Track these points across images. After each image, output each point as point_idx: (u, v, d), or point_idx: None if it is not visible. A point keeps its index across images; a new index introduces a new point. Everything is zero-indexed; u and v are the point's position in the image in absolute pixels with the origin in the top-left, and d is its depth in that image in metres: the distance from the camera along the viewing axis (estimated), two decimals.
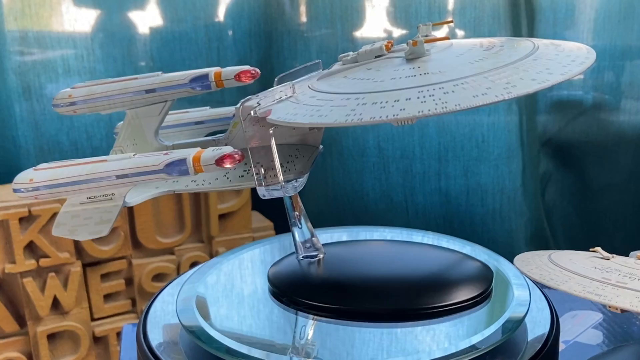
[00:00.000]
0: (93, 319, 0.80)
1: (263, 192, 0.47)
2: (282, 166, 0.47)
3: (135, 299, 0.82)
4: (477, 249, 0.54)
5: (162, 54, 0.87)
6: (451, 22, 0.58)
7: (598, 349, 0.61)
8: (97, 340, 0.80)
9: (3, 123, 0.83)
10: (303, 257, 0.49)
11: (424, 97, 0.40)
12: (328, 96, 0.42)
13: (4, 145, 0.84)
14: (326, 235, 0.55)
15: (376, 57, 0.46)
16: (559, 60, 0.44)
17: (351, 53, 0.46)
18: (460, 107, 0.39)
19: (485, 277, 0.48)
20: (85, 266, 0.78)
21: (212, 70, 0.46)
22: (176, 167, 0.42)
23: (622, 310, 0.42)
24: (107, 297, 0.81)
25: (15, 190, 0.43)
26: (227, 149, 0.42)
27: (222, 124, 0.53)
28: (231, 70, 0.46)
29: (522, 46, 0.47)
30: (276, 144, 0.46)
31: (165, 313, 0.49)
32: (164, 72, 0.92)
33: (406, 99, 0.40)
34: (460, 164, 0.83)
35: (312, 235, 0.49)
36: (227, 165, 0.41)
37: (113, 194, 0.43)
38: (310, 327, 0.45)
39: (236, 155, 0.42)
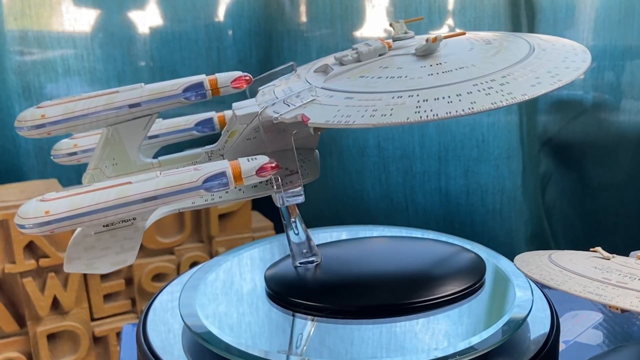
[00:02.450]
0: (93, 319, 0.80)
1: (282, 200, 0.45)
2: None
3: (135, 299, 0.82)
4: (478, 247, 0.54)
5: (162, 53, 0.87)
6: (421, 18, 0.58)
7: (598, 349, 0.61)
8: (97, 340, 0.80)
9: (3, 123, 0.83)
10: (299, 264, 0.49)
11: (484, 89, 0.40)
12: (369, 96, 0.41)
13: (4, 145, 0.84)
14: (325, 235, 0.55)
15: (379, 55, 0.46)
16: (566, 50, 0.46)
17: (348, 53, 0.46)
18: (527, 97, 0.40)
19: (477, 267, 0.49)
20: None
21: (205, 78, 0.44)
22: (216, 181, 0.40)
23: (623, 310, 0.42)
24: (107, 297, 0.81)
25: (22, 227, 0.38)
26: (263, 159, 0.41)
27: (179, 136, 0.50)
28: (226, 77, 0.44)
29: (516, 39, 0.48)
30: (281, 150, 0.46)
31: (165, 313, 0.49)
32: (163, 73, 0.91)
33: (467, 93, 0.40)
34: (460, 164, 0.83)
35: (309, 240, 0.49)
36: (267, 174, 0.40)
37: (134, 219, 0.40)
38: (307, 326, 0.45)
39: (273, 164, 0.41)
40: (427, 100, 0.40)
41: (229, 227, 0.85)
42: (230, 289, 0.50)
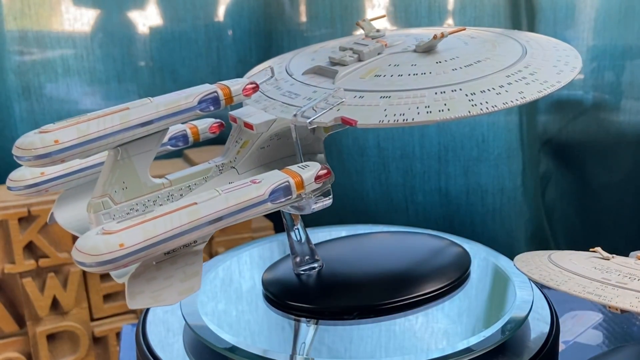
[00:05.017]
0: (92, 319, 0.80)
1: (313, 206, 0.43)
2: None
3: None
4: (478, 247, 0.54)
5: (162, 53, 0.87)
6: (384, 16, 0.59)
7: (598, 349, 0.61)
8: (97, 340, 0.80)
9: (3, 123, 0.83)
10: (302, 271, 0.48)
11: (520, 80, 0.41)
12: (408, 93, 0.41)
13: (4, 145, 0.84)
14: (325, 234, 0.55)
15: (378, 54, 0.46)
16: (547, 41, 0.49)
17: (346, 54, 0.46)
18: (561, 84, 0.41)
19: (462, 260, 0.49)
20: None
21: (217, 88, 0.41)
22: (281, 193, 0.38)
23: (622, 311, 0.42)
24: (107, 297, 0.81)
25: (83, 264, 0.33)
26: (316, 165, 0.40)
27: None
28: (237, 84, 0.42)
29: (493, 33, 0.49)
30: (290, 155, 0.45)
31: (165, 313, 0.49)
32: (162, 72, 0.91)
33: (508, 84, 0.40)
34: (460, 164, 0.83)
35: (311, 246, 0.49)
36: (322, 180, 0.40)
37: (195, 242, 0.37)
38: (304, 328, 0.45)
39: (326, 169, 0.40)
40: (474, 93, 0.40)
41: (229, 227, 0.85)
42: (230, 288, 0.50)
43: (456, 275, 0.47)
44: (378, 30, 0.48)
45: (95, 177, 0.43)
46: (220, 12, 0.89)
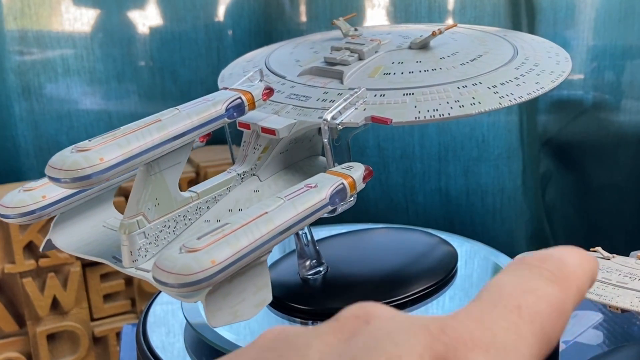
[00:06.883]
0: (93, 319, 0.80)
1: (339, 208, 0.42)
2: None
3: (135, 299, 0.82)
4: (478, 246, 0.54)
5: (162, 53, 0.87)
6: (355, 15, 0.59)
7: (598, 349, 0.61)
8: (97, 340, 0.80)
9: (2, 123, 0.83)
10: (308, 275, 0.48)
11: (529, 71, 0.41)
12: (431, 89, 0.41)
13: (4, 145, 0.84)
14: (324, 233, 0.55)
15: (376, 52, 0.46)
16: (531, 36, 0.48)
17: (344, 53, 0.45)
18: (565, 74, 0.42)
19: (450, 257, 0.49)
20: (84, 266, 0.78)
21: (239, 94, 0.40)
22: (338, 195, 0.38)
23: (623, 310, 0.42)
24: (107, 297, 0.81)
25: (166, 284, 0.32)
26: (360, 166, 0.40)
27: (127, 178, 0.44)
28: (257, 90, 0.41)
29: (470, 30, 0.50)
30: (303, 158, 0.45)
31: (165, 313, 0.49)
32: (162, 73, 0.91)
33: (522, 75, 0.41)
34: (460, 164, 0.83)
35: (317, 250, 0.48)
36: (367, 180, 0.40)
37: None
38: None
39: (369, 169, 0.40)
40: (495, 86, 0.40)
41: None
42: None
43: (445, 269, 0.47)
44: (356, 29, 0.48)
45: (95, 196, 0.43)
46: (220, 12, 0.89)
